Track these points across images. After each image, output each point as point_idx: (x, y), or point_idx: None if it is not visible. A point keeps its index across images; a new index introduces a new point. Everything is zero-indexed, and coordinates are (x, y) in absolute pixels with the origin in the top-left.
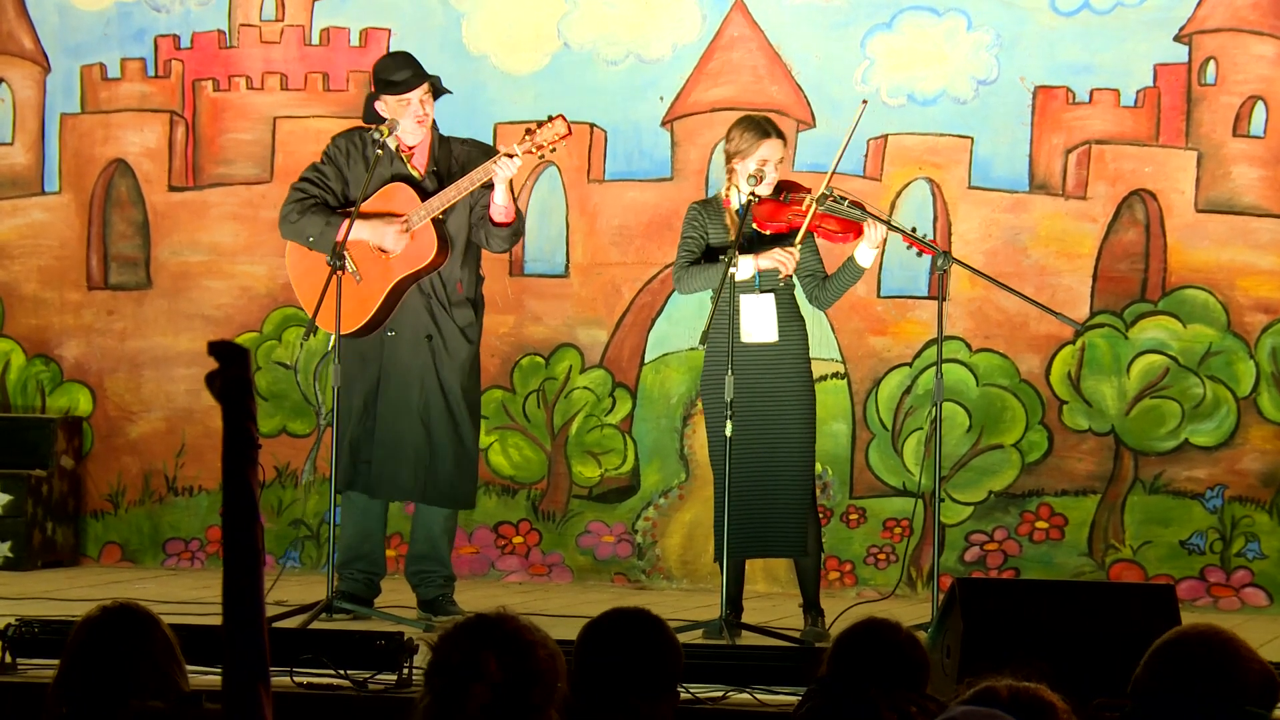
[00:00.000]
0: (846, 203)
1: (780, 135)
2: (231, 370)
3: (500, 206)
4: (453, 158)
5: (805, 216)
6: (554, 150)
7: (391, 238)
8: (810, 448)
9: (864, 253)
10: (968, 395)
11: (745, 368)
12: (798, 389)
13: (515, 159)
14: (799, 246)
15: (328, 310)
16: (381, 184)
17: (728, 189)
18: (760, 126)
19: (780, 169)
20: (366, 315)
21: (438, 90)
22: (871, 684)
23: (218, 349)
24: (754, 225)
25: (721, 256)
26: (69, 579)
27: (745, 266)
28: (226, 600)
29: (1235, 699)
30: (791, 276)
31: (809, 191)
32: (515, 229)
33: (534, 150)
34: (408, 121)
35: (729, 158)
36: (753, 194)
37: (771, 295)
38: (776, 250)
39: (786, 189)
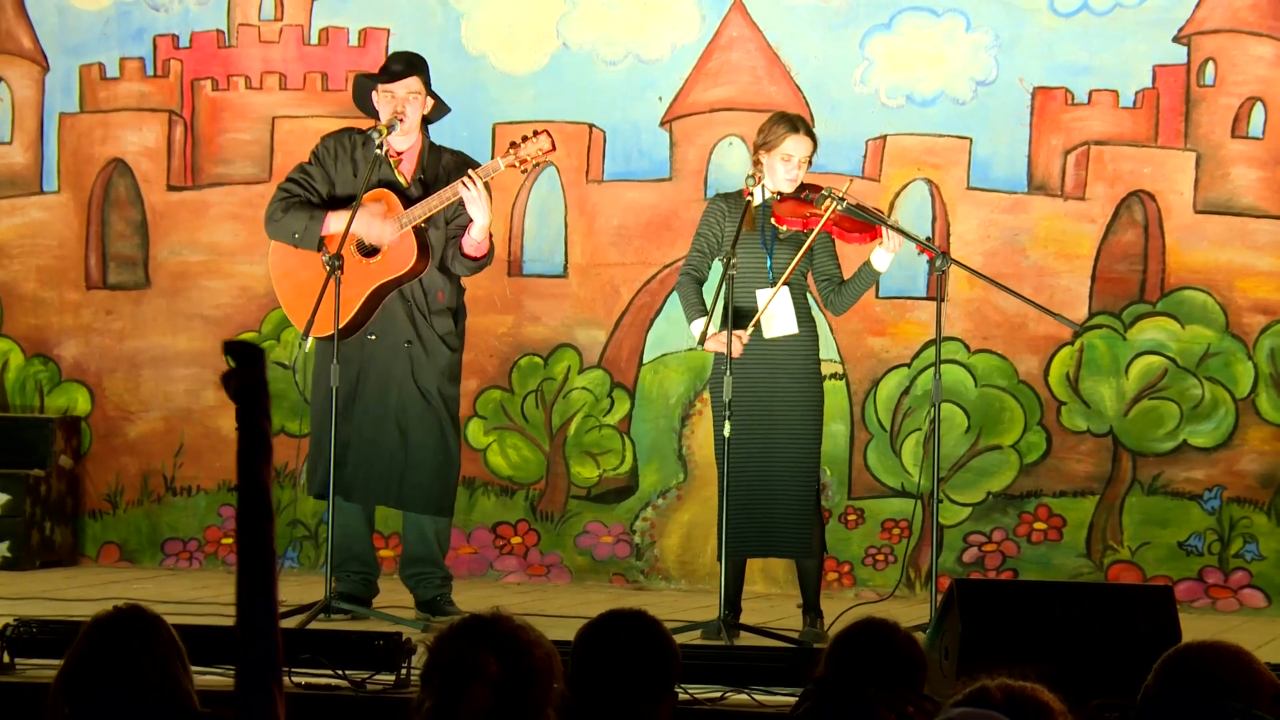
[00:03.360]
0: (854, 206)
1: (810, 134)
2: (248, 370)
3: (474, 241)
4: (440, 166)
5: (822, 216)
6: (538, 165)
7: (379, 227)
8: (815, 450)
9: (880, 257)
10: (966, 396)
11: (754, 366)
12: (805, 389)
13: (478, 181)
14: (749, 331)
15: (311, 312)
16: (368, 188)
17: (749, 180)
18: (790, 121)
19: (805, 169)
20: (344, 319)
21: (439, 107)
22: (869, 684)
23: (234, 349)
24: (773, 221)
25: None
26: (67, 579)
27: (697, 329)
28: (240, 598)
29: (1246, 711)
30: (805, 280)
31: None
32: (483, 264)
33: (517, 164)
34: (386, 111)
35: (756, 150)
36: (752, 191)
37: (787, 289)
38: (721, 335)
39: (808, 188)
